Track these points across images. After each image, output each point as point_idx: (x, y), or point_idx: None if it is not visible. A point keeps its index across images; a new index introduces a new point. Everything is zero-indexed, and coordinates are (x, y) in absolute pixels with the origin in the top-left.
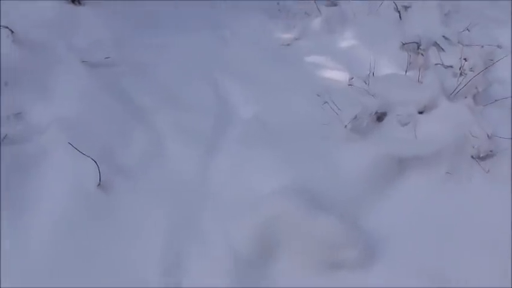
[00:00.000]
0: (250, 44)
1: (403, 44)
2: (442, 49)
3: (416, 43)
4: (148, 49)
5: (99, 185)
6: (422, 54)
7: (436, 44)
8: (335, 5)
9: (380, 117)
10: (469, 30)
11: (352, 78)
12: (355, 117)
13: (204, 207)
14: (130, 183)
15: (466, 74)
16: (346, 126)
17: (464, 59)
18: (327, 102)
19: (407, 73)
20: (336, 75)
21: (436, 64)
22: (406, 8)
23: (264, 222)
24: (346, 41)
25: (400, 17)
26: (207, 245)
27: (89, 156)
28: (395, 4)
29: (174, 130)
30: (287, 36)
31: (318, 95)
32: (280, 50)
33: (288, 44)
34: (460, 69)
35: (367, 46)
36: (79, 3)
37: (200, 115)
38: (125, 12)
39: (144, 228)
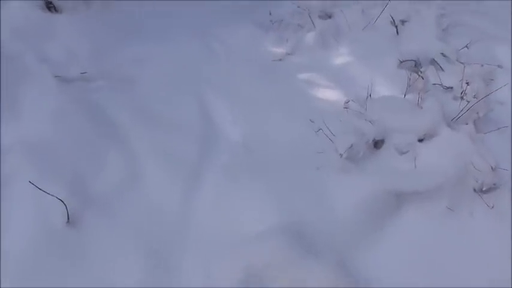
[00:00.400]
0: (239, 57)
1: (401, 62)
2: (441, 68)
3: (414, 61)
4: (129, 61)
5: (67, 222)
6: (422, 77)
7: (434, 62)
8: (329, 16)
9: (377, 143)
10: (468, 48)
11: (348, 102)
12: (351, 146)
13: (184, 246)
14: (103, 217)
15: (467, 100)
16: (341, 155)
17: (467, 83)
18: (321, 129)
19: (406, 96)
20: (331, 95)
21: (434, 84)
22: (403, 22)
23: (249, 266)
24: (341, 57)
25: (397, 31)
26: None
27: (54, 196)
28: (392, 18)
29: (153, 154)
30: (279, 50)
31: (312, 121)
32: (272, 65)
33: (280, 59)
34: (461, 93)
35: (363, 63)
36: (56, 10)
37: (183, 137)
38: (106, 20)
39: (118, 269)
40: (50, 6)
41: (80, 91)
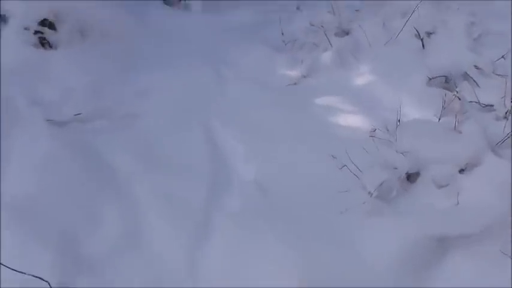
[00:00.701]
0: (251, 82)
1: (430, 79)
2: (476, 83)
3: (445, 77)
4: (130, 95)
5: None
6: (458, 98)
7: (467, 77)
8: (347, 33)
9: (411, 177)
10: (504, 58)
11: (374, 130)
12: (382, 183)
13: None
14: (98, 283)
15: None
16: (370, 194)
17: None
18: (345, 165)
19: (440, 119)
20: (354, 122)
21: (471, 102)
22: (429, 34)
23: None
24: (363, 76)
25: (422, 45)
26: None
27: (39, 277)
28: (417, 30)
29: (155, 203)
30: (294, 73)
31: (334, 157)
32: (287, 90)
33: (295, 83)
34: (506, 113)
35: (387, 82)
36: (50, 46)
37: (189, 180)
38: (104, 52)
39: None
40: (43, 42)
41: (74, 134)
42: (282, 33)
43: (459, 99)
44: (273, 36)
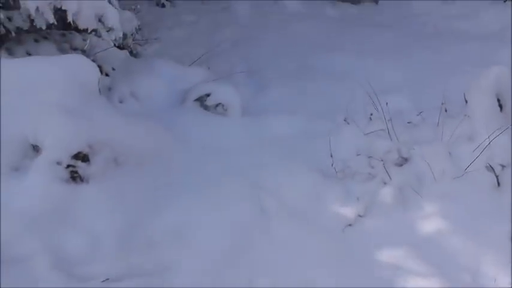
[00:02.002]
0: (298, 221)
1: None
2: None
3: None
4: (160, 239)
5: None
6: None
7: None
8: (406, 159)
9: None
10: None
11: None
12: None
13: None
14: None
15: None
16: None
17: None
18: None
19: None
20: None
21: None
22: (503, 167)
23: None
24: (429, 221)
25: (498, 182)
26: None
27: None
28: (490, 165)
29: None
30: (348, 211)
31: None
32: (341, 234)
33: (350, 224)
34: None
35: (459, 232)
36: (81, 180)
37: None
38: (138, 184)
39: None
40: (75, 176)
41: None
42: (331, 155)
43: None
44: (319, 156)
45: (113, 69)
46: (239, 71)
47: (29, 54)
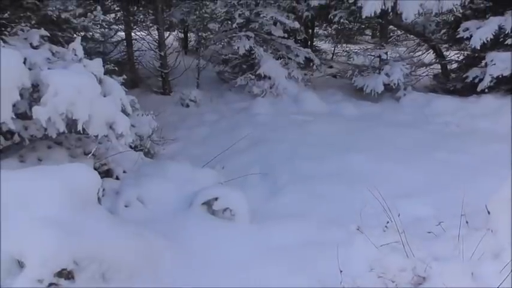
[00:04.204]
0: None
1: None
2: None
3: None
4: None
5: None
6: None
7: None
8: (423, 279)
9: None
10: None
11: None
12: None
13: None
14: None
15: None
16: None
17: None
18: None
19: None
20: None
21: None
22: None
23: None
24: None
25: None
26: None
27: None
28: None
29: None
30: None
31: None
32: None
33: None
34: None
35: None
36: None
37: None
38: None
39: None
40: None
41: None
42: (341, 271)
43: None
44: (329, 271)
45: (124, 171)
46: (253, 173)
47: (40, 160)
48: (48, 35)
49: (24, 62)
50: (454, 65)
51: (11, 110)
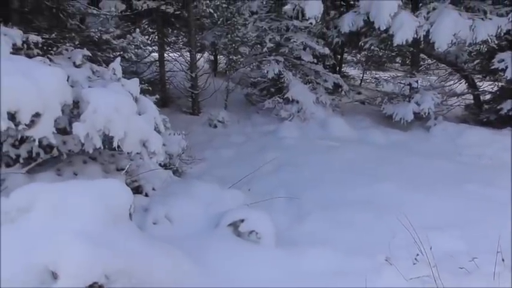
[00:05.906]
0: None
1: None
2: None
3: None
4: None
5: None
6: None
7: None
8: None
9: None
10: None
11: None
12: None
13: None
14: None
15: None
16: None
17: None
18: None
19: None
20: None
21: None
22: None
23: None
24: None
25: None
26: None
27: None
28: None
29: None
30: None
31: None
32: None
33: None
34: None
35: None
36: None
37: None
38: None
39: None
40: None
41: None
42: None
43: None
44: None
45: (153, 189)
46: (278, 196)
47: (75, 174)
48: (90, 54)
49: (67, 80)
50: (487, 96)
51: (52, 125)
